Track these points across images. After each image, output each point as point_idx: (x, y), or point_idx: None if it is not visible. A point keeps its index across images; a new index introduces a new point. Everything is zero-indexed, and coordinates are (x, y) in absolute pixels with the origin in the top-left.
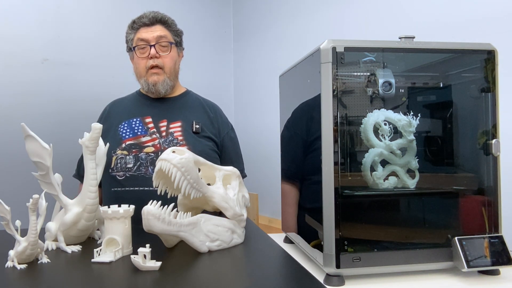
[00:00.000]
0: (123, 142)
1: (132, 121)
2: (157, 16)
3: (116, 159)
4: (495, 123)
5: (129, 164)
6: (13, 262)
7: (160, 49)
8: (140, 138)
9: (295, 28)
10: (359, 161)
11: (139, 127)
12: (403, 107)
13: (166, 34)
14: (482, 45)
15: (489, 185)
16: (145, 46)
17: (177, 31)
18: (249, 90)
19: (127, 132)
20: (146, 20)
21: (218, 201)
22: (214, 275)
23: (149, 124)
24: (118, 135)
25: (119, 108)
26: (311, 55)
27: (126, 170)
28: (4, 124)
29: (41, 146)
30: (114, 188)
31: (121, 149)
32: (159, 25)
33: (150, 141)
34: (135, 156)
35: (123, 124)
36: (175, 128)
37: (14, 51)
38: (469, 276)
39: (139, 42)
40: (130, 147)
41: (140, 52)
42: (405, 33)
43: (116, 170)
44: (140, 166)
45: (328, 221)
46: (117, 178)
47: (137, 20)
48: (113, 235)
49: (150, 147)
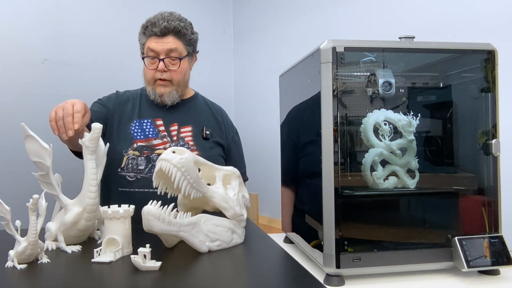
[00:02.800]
0: (134, 142)
1: (143, 122)
2: (170, 26)
3: (127, 159)
4: (495, 123)
5: (141, 165)
6: (13, 262)
7: (169, 62)
8: (151, 141)
9: (295, 28)
10: (359, 161)
11: (150, 129)
12: (403, 107)
13: (177, 47)
14: (482, 45)
15: (489, 185)
16: (154, 58)
17: (190, 40)
18: (249, 90)
19: (138, 133)
20: (157, 31)
21: (218, 201)
22: (214, 275)
23: (160, 127)
24: (130, 133)
25: (131, 103)
26: (311, 55)
27: (138, 172)
28: (4, 124)
29: (41, 146)
30: (122, 188)
31: (133, 149)
32: (171, 36)
33: (161, 144)
34: (146, 158)
35: (134, 123)
36: (186, 133)
37: (14, 51)
38: (469, 276)
39: (149, 52)
40: (142, 148)
41: (149, 63)
42: (405, 33)
43: (126, 170)
44: (152, 168)
45: (328, 221)
46: (127, 179)
47: (149, 27)
48: (113, 235)
49: (162, 150)
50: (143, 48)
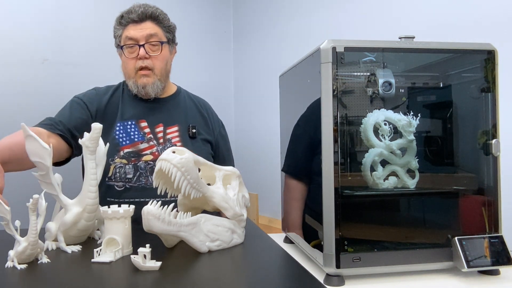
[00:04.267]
0: (121, 149)
1: (127, 124)
2: (147, 11)
3: (114, 168)
4: (495, 123)
5: (129, 174)
6: (13, 262)
7: (150, 48)
8: (137, 145)
9: (295, 28)
10: (359, 161)
11: (135, 133)
12: (403, 107)
13: (156, 32)
14: (482, 45)
15: (489, 185)
16: (134, 46)
17: (169, 26)
18: (249, 90)
19: (123, 138)
20: (134, 16)
21: (218, 201)
22: (214, 275)
23: (145, 129)
24: (115, 139)
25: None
26: (311, 55)
27: (126, 181)
28: (4, 124)
29: (41, 146)
30: (110, 198)
31: (120, 157)
32: (149, 22)
33: (148, 148)
34: (134, 166)
35: (118, 126)
36: (172, 134)
37: (14, 51)
38: (469, 276)
39: (128, 40)
40: (129, 155)
41: (129, 52)
42: (405, 33)
43: (114, 179)
44: (140, 176)
45: (328, 221)
46: (115, 188)
47: (125, 15)
48: (113, 235)
49: (149, 155)
50: (120, 39)
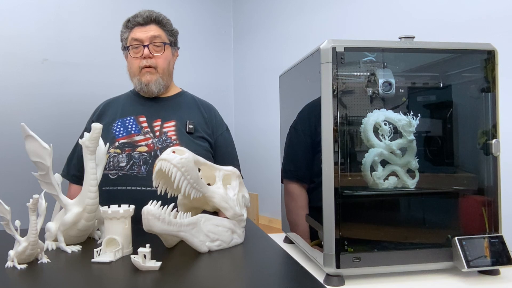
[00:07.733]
0: (116, 141)
1: (126, 119)
2: (152, 15)
3: (109, 157)
4: (495, 123)
5: (122, 163)
6: (13, 262)
7: (153, 49)
8: (133, 137)
9: (295, 28)
10: (359, 161)
11: (132, 126)
12: (403, 107)
13: (160, 34)
14: (482, 45)
15: (489, 185)
16: (139, 46)
17: (172, 31)
18: (249, 90)
19: (120, 131)
20: (140, 20)
21: (218, 201)
22: (214, 275)
23: (143, 123)
24: (112, 133)
25: (113, 107)
26: (311, 55)
27: (119, 169)
28: (4, 124)
29: (41, 146)
30: (106, 187)
31: (114, 148)
32: (154, 25)
33: (143, 141)
34: (128, 155)
35: (117, 122)
36: (169, 128)
37: (14, 51)
38: (469, 276)
39: (133, 42)
40: (123, 145)
41: (134, 52)
42: (405, 33)
43: (108, 168)
44: (133, 165)
45: (328, 221)
46: (109, 177)
47: (132, 19)
48: (113, 235)
49: (144, 146)
50: (126, 41)
